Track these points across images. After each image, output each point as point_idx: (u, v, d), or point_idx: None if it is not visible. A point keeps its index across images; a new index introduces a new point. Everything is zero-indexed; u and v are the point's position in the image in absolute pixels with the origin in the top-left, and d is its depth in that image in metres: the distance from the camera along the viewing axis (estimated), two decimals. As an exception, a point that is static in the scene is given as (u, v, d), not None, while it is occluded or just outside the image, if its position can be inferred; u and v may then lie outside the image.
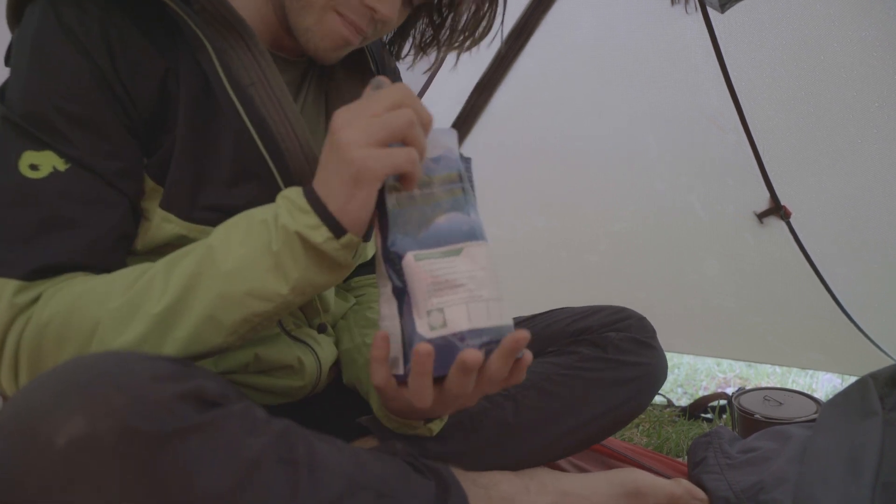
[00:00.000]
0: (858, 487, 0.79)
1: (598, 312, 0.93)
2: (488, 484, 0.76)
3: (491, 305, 0.55)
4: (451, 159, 0.59)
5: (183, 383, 0.45)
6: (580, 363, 0.86)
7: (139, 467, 0.41)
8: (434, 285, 0.54)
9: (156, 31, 0.63)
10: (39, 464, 0.40)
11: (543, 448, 0.83)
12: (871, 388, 0.94)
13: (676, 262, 1.78)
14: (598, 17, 1.54)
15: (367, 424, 0.75)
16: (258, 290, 0.54)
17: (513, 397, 0.82)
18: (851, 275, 1.60)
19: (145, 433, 0.41)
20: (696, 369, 2.09)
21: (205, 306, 0.54)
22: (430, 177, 0.57)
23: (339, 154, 0.52)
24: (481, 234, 0.57)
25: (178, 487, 0.42)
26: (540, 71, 1.64)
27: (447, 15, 0.77)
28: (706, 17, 1.38)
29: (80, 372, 0.44)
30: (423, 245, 0.55)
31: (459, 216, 0.57)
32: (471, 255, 0.56)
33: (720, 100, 1.48)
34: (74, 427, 0.40)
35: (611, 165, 1.72)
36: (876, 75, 1.31)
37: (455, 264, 0.55)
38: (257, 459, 0.47)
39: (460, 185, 0.58)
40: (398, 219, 0.56)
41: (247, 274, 0.54)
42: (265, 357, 0.73)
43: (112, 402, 0.41)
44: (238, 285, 0.54)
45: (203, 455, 0.44)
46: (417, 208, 0.57)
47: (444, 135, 0.59)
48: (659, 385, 0.92)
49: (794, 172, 1.53)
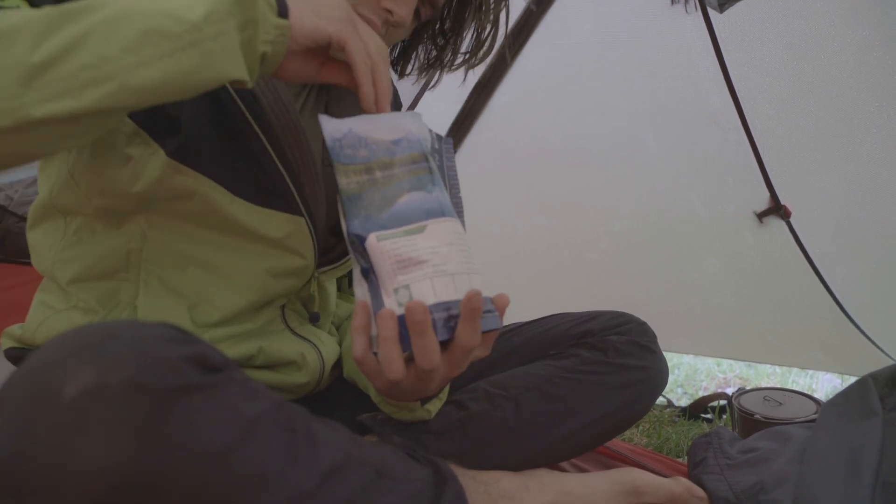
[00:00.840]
0: (858, 487, 0.79)
1: (599, 317, 0.94)
2: (488, 480, 0.77)
3: (458, 279, 0.56)
4: (413, 140, 0.60)
5: (189, 347, 0.47)
6: (581, 366, 0.86)
7: (144, 419, 0.42)
8: (398, 263, 0.55)
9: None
10: (49, 412, 0.42)
11: (543, 450, 0.83)
12: (871, 388, 0.94)
13: (676, 261, 1.78)
14: (597, 17, 1.54)
15: (368, 422, 0.76)
16: (174, 8, 0.49)
17: (513, 398, 0.82)
18: (851, 274, 1.61)
19: (152, 388, 0.43)
20: (696, 369, 2.09)
21: (112, 10, 0.48)
22: (391, 158, 0.59)
23: (333, 2, 0.57)
24: (446, 210, 0.58)
25: (181, 440, 0.43)
26: (540, 70, 1.64)
27: (450, 37, 0.80)
28: (706, 17, 1.38)
29: (93, 333, 0.46)
30: (384, 226, 0.56)
31: (422, 195, 0.58)
32: (434, 231, 0.56)
33: (720, 99, 1.48)
34: (85, 379, 0.42)
35: (611, 164, 1.72)
36: (875, 75, 1.31)
37: (417, 241, 0.56)
38: (257, 420, 0.48)
39: (424, 164, 0.59)
40: (359, 202, 0.57)
41: None
42: (269, 350, 0.74)
43: (122, 358, 0.43)
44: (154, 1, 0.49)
45: (205, 412, 0.45)
46: (379, 190, 0.58)
47: (404, 118, 0.61)
48: (660, 390, 0.92)
49: (794, 172, 1.53)
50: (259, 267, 0.72)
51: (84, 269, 0.69)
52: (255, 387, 0.51)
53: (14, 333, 0.74)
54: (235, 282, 0.71)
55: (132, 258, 0.68)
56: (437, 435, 0.77)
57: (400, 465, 0.61)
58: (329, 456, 0.53)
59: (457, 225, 0.58)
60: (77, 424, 0.41)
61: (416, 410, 0.74)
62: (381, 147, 0.59)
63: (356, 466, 0.55)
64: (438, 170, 0.62)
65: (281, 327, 0.77)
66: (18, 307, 0.96)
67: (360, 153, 0.59)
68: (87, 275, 0.69)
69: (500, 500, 0.75)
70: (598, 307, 0.97)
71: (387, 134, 0.59)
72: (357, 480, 0.55)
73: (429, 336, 0.53)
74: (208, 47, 0.50)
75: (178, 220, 0.68)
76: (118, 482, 0.41)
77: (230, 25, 0.51)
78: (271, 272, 0.73)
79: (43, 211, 0.72)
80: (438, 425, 0.79)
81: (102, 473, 0.41)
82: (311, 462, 0.51)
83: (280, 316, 0.78)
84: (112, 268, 0.68)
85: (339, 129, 0.59)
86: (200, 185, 0.65)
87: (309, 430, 0.53)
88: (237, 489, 0.46)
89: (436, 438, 0.77)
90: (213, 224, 0.68)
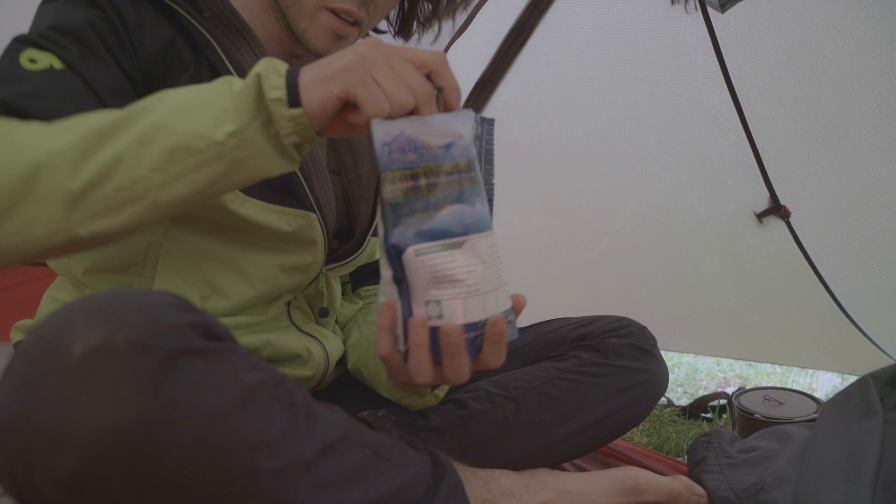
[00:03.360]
0: (858, 487, 0.79)
1: (600, 320, 0.95)
2: (488, 477, 0.77)
3: (488, 298, 0.56)
4: (462, 146, 0.57)
5: (194, 315, 0.49)
6: (581, 367, 0.87)
7: (149, 377, 0.44)
8: (433, 279, 0.55)
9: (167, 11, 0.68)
10: (56, 369, 0.43)
11: (543, 450, 0.84)
12: (871, 388, 0.94)
13: (676, 261, 1.78)
14: (597, 17, 1.54)
15: (369, 419, 0.76)
16: (200, 124, 0.52)
17: (514, 399, 0.83)
18: (850, 274, 1.61)
19: (157, 348, 0.44)
20: (696, 369, 2.09)
21: (141, 129, 0.52)
22: (438, 165, 0.56)
23: (347, 49, 0.54)
24: (486, 224, 0.57)
25: (184, 400, 0.45)
26: (539, 70, 1.64)
27: None
28: (706, 17, 1.38)
29: (102, 298, 0.47)
30: (424, 238, 0.55)
31: (464, 208, 0.56)
32: (472, 247, 0.56)
33: (720, 100, 1.48)
34: (92, 337, 0.43)
35: (611, 164, 1.72)
36: (875, 75, 1.31)
37: (455, 258, 0.55)
38: (258, 388, 0.49)
39: (468, 174, 0.57)
40: (401, 210, 0.56)
41: (197, 107, 0.53)
42: (276, 343, 0.76)
43: (129, 320, 0.45)
44: (181, 118, 0.52)
45: (208, 374, 0.47)
46: (422, 199, 0.56)
47: (457, 119, 0.58)
48: (660, 393, 0.93)
49: (794, 172, 1.53)
50: (271, 261, 0.74)
51: (102, 259, 0.70)
52: (257, 361, 0.52)
53: (24, 326, 0.75)
54: (247, 274, 0.72)
55: (151, 252, 0.69)
56: (437, 433, 0.78)
57: (398, 451, 0.62)
58: (328, 431, 0.54)
59: (492, 238, 0.58)
60: (83, 381, 0.42)
61: (426, 395, 0.77)
62: (430, 152, 0.56)
63: (354, 445, 0.56)
64: (479, 155, 0.61)
65: (286, 324, 0.79)
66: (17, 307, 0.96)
67: (408, 157, 0.56)
68: (103, 266, 0.70)
69: (500, 496, 0.75)
70: (597, 306, 0.98)
71: (438, 138, 0.56)
72: (355, 458, 0.56)
73: (462, 357, 0.55)
74: (234, 157, 0.53)
75: (197, 220, 0.69)
76: (121, 438, 0.42)
77: (254, 130, 0.53)
78: (282, 267, 0.75)
79: None
80: (439, 423, 0.79)
81: (106, 430, 0.42)
82: (310, 434, 0.52)
83: (286, 313, 0.80)
84: (130, 261, 0.69)
85: (390, 132, 0.56)
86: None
87: (308, 405, 0.54)
88: (237, 451, 0.47)
89: (436, 436, 0.77)
90: (229, 222, 0.70)
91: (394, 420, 0.77)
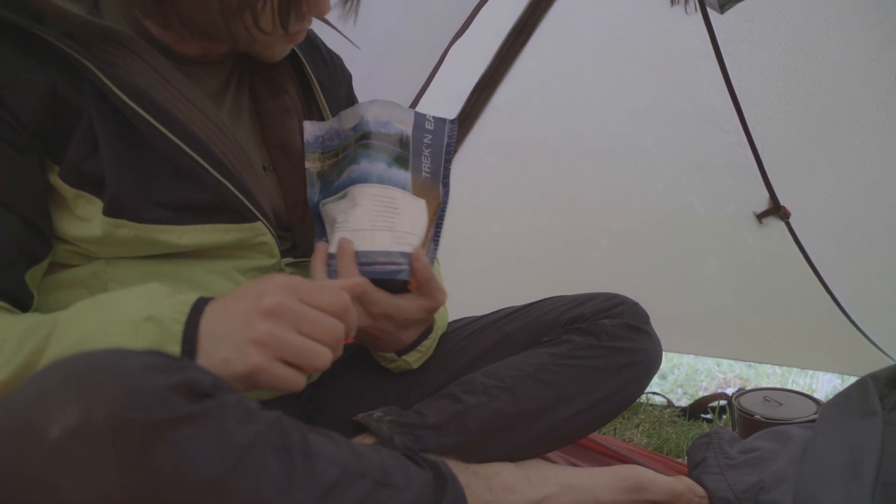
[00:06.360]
0: (858, 487, 0.79)
1: (592, 300, 0.93)
2: (489, 474, 0.77)
3: (375, 235, 0.74)
4: (365, 123, 0.77)
5: (176, 374, 0.46)
6: (574, 351, 0.86)
7: (133, 456, 0.41)
8: (331, 221, 0.77)
9: (40, 47, 0.63)
10: (34, 455, 0.40)
11: (541, 437, 0.83)
12: (871, 389, 0.94)
13: (676, 261, 1.78)
14: (598, 17, 1.54)
15: (364, 421, 0.76)
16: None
17: (509, 388, 0.82)
18: (850, 275, 1.61)
19: (139, 422, 0.41)
20: (696, 369, 2.09)
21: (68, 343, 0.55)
22: (347, 142, 0.78)
23: (245, 332, 0.54)
24: (365, 178, 0.76)
25: (172, 475, 0.42)
26: (540, 70, 1.64)
27: None
28: (706, 18, 1.38)
29: (74, 366, 0.44)
30: (329, 195, 0.78)
31: (353, 167, 0.77)
32: (351, 196, 0.76)
33: (720, 99, 1.48)
34: (69, 418, 0.41)
35: (611, 164, 1.72)
36: (875, 76, 1.31)
37: (340, 204, 0.76)
38: (250, 445, 0.47)
39: (365, 141, 0.77)
40: (323, 179, 0.79)
41: (99, 337, 0.54)
42: None
43: (106, 393, 0.42)
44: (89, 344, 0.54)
45: (195, 443, 0.44)
46: (336, 168, 0.79)
47: (364, 107, 0.78)
48: (654, 370, 0.92)
49: (794, 172, 1.54)
50: (226, 266, 0.73)
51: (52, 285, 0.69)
52: (248, 406, 0.50)
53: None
54: (204, 284, 0.71)
55: (97, 279, 0.68)
56: (435, 430, 0.77)
57: (400, 472, 0.60)
58: (327, 471, 0.53)
59: (375, 188, 0.76)
60: (64, 464, 0.40)
61: (396, 361, 0.83)
62: (344, 134, 0.79)
63: (355, 478, 0.55)
64: (419, 147, 0.79)
65: None
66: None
67: (334, 142, 0.80)
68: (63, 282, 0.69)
69: (502, 493, 0.75)
70: (597, 306, 0.97)
71: (348, 123, 0.79)
72: (356, 493, 0.54)
73: (350, 270, 0.73)
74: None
75: (137, 259, 0.68)
76: None
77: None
78: (240, 269, 0.74)
79: None
80: (436, 420, 0.78)
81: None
82: (309, 481, 0.51)
83: None
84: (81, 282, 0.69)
85: (322, 127, 0.80)
86: (145, 232, 0.66)
87: (305, 445, 0.52)
88: None
89: (434, 433, 0.77)
90: (172, 252, 0.69)
91: (390, 421, 0.77)
